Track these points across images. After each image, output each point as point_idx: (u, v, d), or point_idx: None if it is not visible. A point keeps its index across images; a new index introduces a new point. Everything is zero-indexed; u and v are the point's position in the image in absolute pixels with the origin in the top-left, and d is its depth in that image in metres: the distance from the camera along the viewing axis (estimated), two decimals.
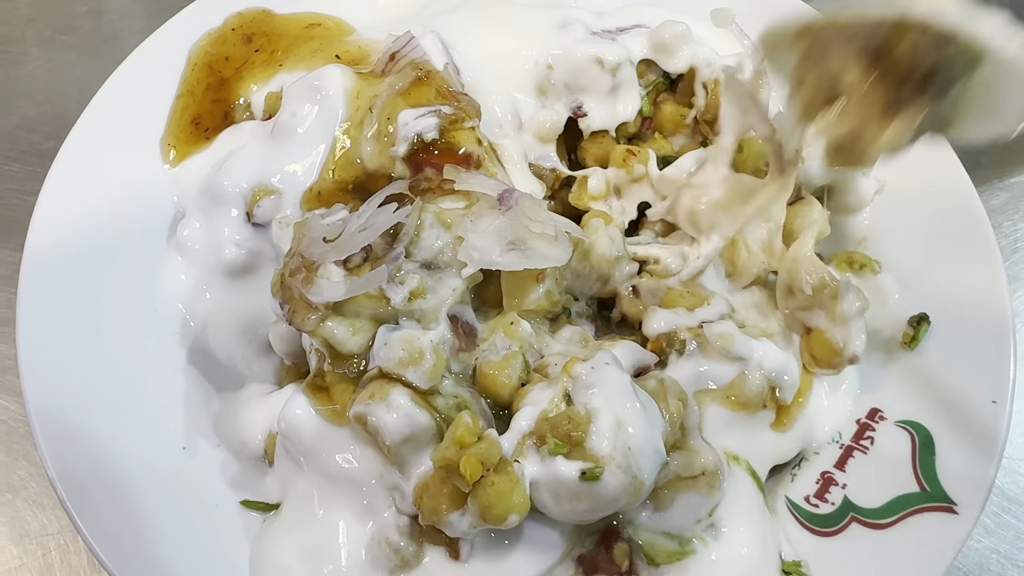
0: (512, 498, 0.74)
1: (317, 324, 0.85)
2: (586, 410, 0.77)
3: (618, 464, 0.75)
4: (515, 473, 0.75)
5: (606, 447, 0.75)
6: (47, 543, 1.01)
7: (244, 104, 1.17)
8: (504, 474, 0.75)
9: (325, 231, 0.89)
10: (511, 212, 0.89)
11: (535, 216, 0.89)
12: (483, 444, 0.74)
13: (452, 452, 0.74)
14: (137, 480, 0.91)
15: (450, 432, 0.76)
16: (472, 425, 0.74)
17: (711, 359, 0.90)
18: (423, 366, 0.82)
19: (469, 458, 0.73)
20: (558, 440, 0.76)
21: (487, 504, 0.74)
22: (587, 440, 0.76)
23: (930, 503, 0.91)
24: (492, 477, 0.74)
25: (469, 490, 0.75)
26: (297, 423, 0.87)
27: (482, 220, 0.89)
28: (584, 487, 0.75)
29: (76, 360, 0.96)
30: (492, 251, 0.87)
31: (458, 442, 0.74)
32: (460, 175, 0.90)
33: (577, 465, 0.76)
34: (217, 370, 1.02)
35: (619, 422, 0.77)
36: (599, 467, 0.75)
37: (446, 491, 0.76)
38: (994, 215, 1.11)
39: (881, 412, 0.99)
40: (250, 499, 0.92)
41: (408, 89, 1.01)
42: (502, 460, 0.75)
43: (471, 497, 0.74)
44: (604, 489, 0.76)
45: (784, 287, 0.96)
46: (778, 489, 0.96)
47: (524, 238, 0.88)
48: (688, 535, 0.85)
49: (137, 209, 1.08)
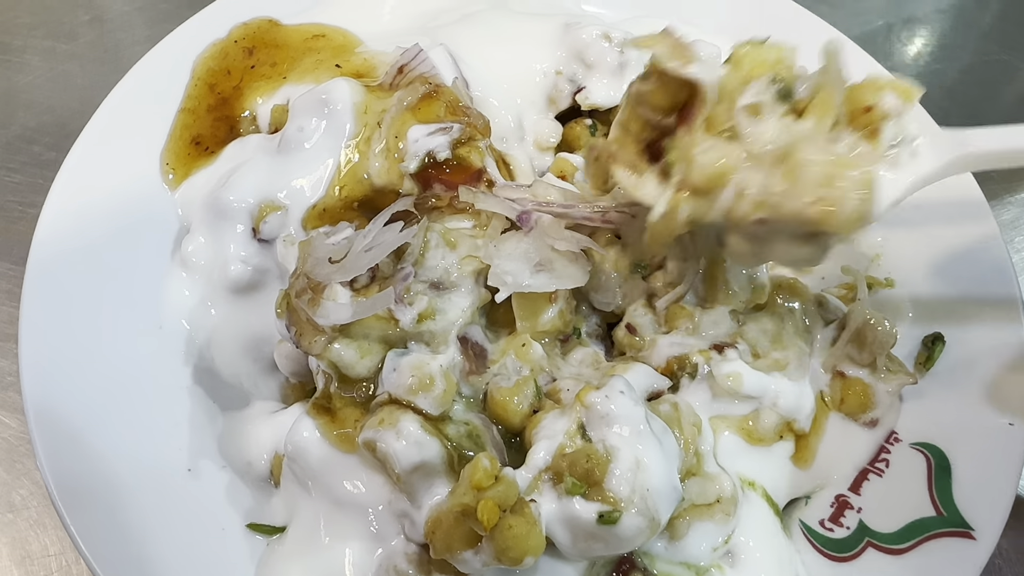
0: (529, 540, 0.73)
1: (324, 347, 0.84)
2: (604, 448, 0.76)
3: (636, 508, 0.74)
4: (532, 514, 0.74)
5: (625, 490, 0.74)
6: (49, 564, 0.99)
7: (250, 117, 1.15)
8: (521, 515, 0.73)
9: (330, 251, 0.87)
10: (532, 233, 0.88)
11: (556, 235, 0.88)
12: (500, 486, 0.72)
13: (470, 498, 0.72)
14: (141, 502, 0.89)
15: (467, 475, 0.74)
16: (490, 468, 0.73)
17: (722, 398, 0.89)
18: (433, 392, 0.81)
19: (487, 503, 0.71)
20: (576, 480, 0.75)
21: (503, 547, 0.72)
22: (606, 481, 0.75)
23: (947, 528, 0.89)
24: (509, 520, 0.72)
25: (486, 533, 0.73)
26: (304, 446, 0.85)
27: (505, 243, 0.88)
28: (601, 529, 0.74)
29: (79, 378, 0.95)
30: (523, 274, 0.86)
31: (476, 486, 0.72)
32: (478, 197, 0.89)
33: (595, 507, 0.74)
34: (222, 388, 1.01)
35: (638, 462, 0.75)
36: (617, 511, 0.74)
37: (461, 531, 0.75)
38: (1005, 230, 1.10)
39: (896, 434, 0.97)
40: (256, 522, 0.91)
41: (418, 104, 1.00)
42: (519, 500, 0.74)
43: (487, 539, 0.73)
44: (621, 531, 0.74)
45: (855, 333, 0.97)
46: (792, 512, 0.94)
47: (550, 258, 0.87)
48: (705, 564, 0.83)
49: (141, 223, 1.07)
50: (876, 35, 1.63)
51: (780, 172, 0.76)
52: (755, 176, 0.77)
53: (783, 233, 0.79)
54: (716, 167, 0.78)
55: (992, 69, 1.60)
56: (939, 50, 1.61)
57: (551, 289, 0.88)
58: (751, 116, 0.80)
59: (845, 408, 0.97)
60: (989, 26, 1.67)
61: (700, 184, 0.79)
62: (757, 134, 0.79)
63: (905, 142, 0.82)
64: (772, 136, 0.79)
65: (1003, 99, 1.58)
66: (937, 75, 1.57)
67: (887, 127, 0.80)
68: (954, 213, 1.10)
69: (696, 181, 0.79)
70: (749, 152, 0.78)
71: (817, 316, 1.01)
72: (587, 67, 1.13)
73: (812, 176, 0.75)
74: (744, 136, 0.79)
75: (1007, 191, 1.43)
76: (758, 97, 0.79)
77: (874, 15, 1.65)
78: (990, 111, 1.53)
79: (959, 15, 1.67)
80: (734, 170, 0.78)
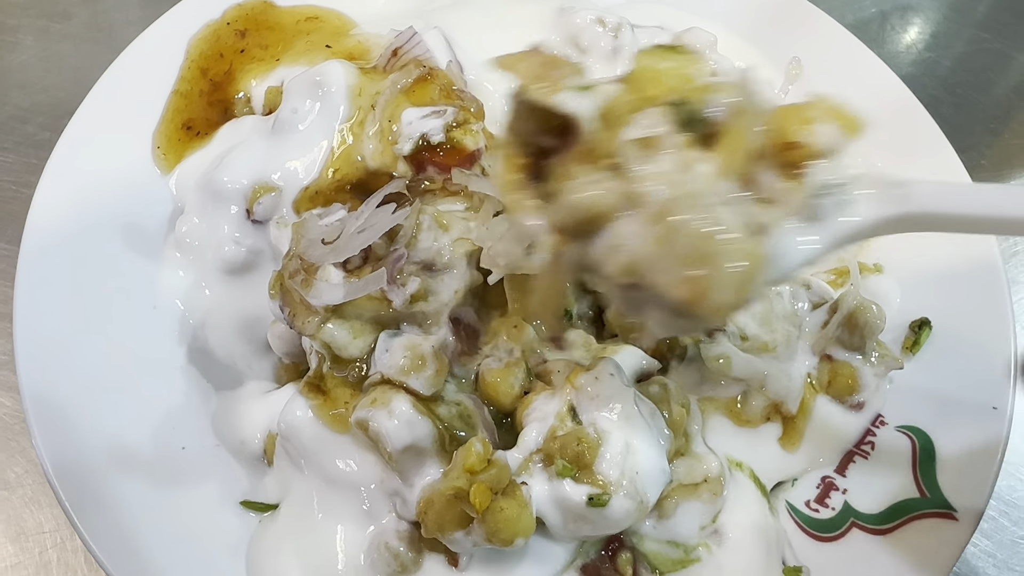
0: (519, 522, 0.74)
1: (318, 327, 0.84)
2: (595, 431, 0.77)
3: (625, 491, 0.76)
4: (523, 497, 0.75)
5: (614, 473, 0.75)
6: (44, 541, 1.00)
7: (244, 99, 1.15)
8: (512, 498, 0.74)
9: (323, 232, 0.88)
10: None
11: None
12: (492, 470, 0.74)
13: (463, 482, 0.74)
14: (136, 480, 0.90)
15: (460, 458, 0.75)
16: (483, 452, 0.74)
17: (711, 380, 0.90)
18: (425, 372, 0.82)
19: (479, 486, 0.72)
20: (566, 462, 0.76)
21: (495, 529, 0.73)
22: (596, 464, 0.76)
23: (930, 509, 0.91)
24: (501, 502, 0.74)
25: (477, 516, 0.74)
26: (297, 425, 0.86)
27: (497, 225, 0.88)
28: (591, 511, 0.75)
29: (74, 357, 0.95)
30: (515, 255, 0.86)
31: (468, 469, 0.73)
32: (471, 180, 0.90)
33: (585, 490, 0.76)
34: (216, 368, 1.01)
35: (628, 445, 0.77)
36: (607, 494, 0.75)
37: (452, 512, 0.76)
38: None
39: (882, 416, 0.99)
40: (250, 499, 0.92)
41: (412, 87, 1.00)
42: (511, 483, 0.75)
43: (479, 521, 0.74)
44: (610, 513, 0.76)
45: (847, 317, 0.97)
46: (779, 493, 0.96)
47: None
48: (692, 543, 0.85)
49: (135, 203, 1.07)
50: (870, 22, 1.63)
51: (656, 230, 0.60)
52: (631, 228, 0.61)
53: (657, 303, 0.63)
54: (587, 207, 0.63)
55: (985, 57, 1.60)
56: (932, 38, 1.61)
57: None
58: (642, 149, 0.62)
59: (832, 391, 0.99)
60: (983, 15, 1.67)
61: (568, 227, 0.65)
62: (646, 172, 0.61)
63: (836, 189, 0.66)
64: (665, 176, 0.61)
65: (996, 89, 1.58)
66: (930, 64, 1.58)
67: (816, 168, 0.64)
68: None
69: (562, 222, 0.65)
70: (630, 195, 0.62)
71: (805, 299, 1.02)
72: (581, 51, 1.13)
73: (683, 246, 0.59)
74: (629, 174, 0.62)
75: (996, 178, 1.44)
76: (651, 129, 0.62)
77: (868, 2, 1.65)
78: (983, 100, 1.54)
79: (953, 3, 1.68)
80: (608, 216, 0.63)
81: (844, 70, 1.23)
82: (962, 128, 1.45)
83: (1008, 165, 1.46)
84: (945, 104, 1.50)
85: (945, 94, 1.53)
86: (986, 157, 1.46)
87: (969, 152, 1.16)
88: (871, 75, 1.22)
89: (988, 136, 1.50)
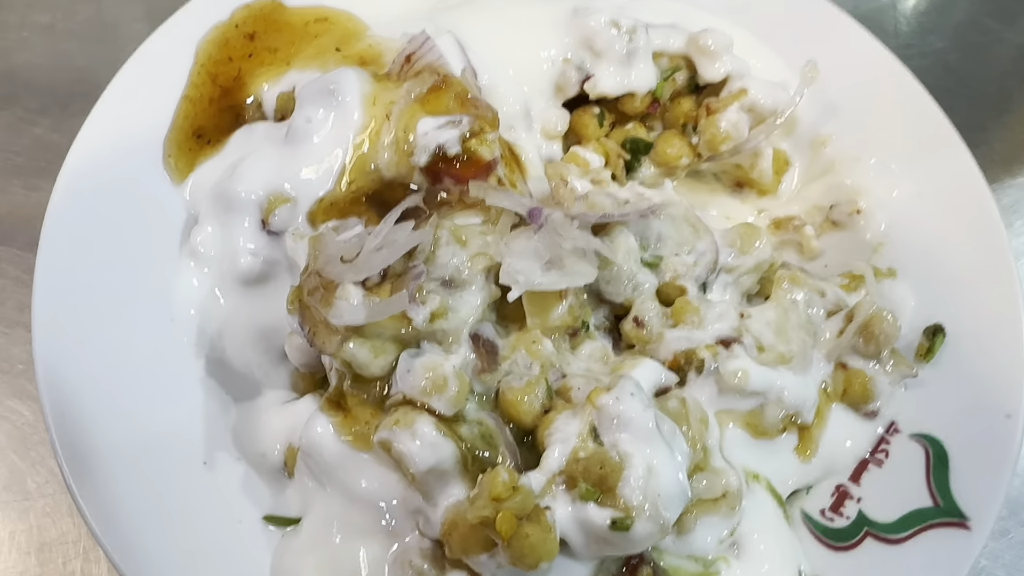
0: (544, 547, 0.75)
1: (339, 346, 0.85)
2: (618, 455, 0.78)
3: (648, 513, 0.76)
4: (547, 522, 0.76)
5: (637, 497, 0.76)
6: (67, 551, 1.01)
7: (255, 103, 1.14)
8: (537, 524, 0.75)
9: (342, 249, 0.88)
10: (543, 231, 0.88)
11: (566, 233, 0.89)
12: (518, 497, 0.74)
13: (489, 510, 0.74)
14: (158, 494, 0.91)
15: (486, 486, 0.76)
16: (508, 480, 0.75)
17: (728, 394, 0.91)
18: (447, 393, 0.82)
19: (506, 514, 0.73)
20: (590, 485, 0.77)
21: (520, 554, 0.74)
22: (619, 488, 0.77)
23: (943, 518, 0.92)
24: (526, 528, 0.74)
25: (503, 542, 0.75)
26: (319, 443, 0.87)
27: (516, 241, 0.88)
28: (613, 534, 0.76)
29: (92, 369, 0.95)
30: (534, 272, 0.87)
31: (495, 497, 0.74)
32: (489, 193, 0.89)
33: (608, 513, 0.76)
34: (234, 379, 1.02)
35: (650, 468, 0.77)
36: (630, 518, 0.76)
37: (477, 536, 0.77)
38: (1005, 214, 1.11)
39: (896, 424, 1.00)
40: (272, 514, 0.93)
41: (426, 96, 1.00)
42: (535, 508, 0.76)
43: (503, 546, 0.75)
44: (633, 536, 0.77)
45: (863, 326, 0.98)
46: (794, 502, 0.97)
47: (560, 256, 0.88)
48: (712, 557, 0.86)
49: (148, 213, 1.07)
50: (883, 11, 1.61)
51: None
52: None
53: None
54: None
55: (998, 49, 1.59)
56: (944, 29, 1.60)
57: (562, 287, 0.89)
58: None
59: (847, 399, 0.99)
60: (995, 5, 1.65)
61: None
62: None
63: None
64: None
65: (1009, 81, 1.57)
66: (940, 55, 1.56)
67: None
68: (957, 204, 1.11)
69: None
70: None
71: (820, 306, 1.02)
72: (595, 55, 1.12)
73: None
74: None
75: (1008, 174, 1.44)
76: None
77: None
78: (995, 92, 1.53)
79: None
80: None
81: (857, 68, 1.22)
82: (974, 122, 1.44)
83: (1019, 159, 1.46)
84: (957, 97, 1.48)
85: (957, 86, 1.52)
86: (997, 152, 1.46)
87: (981, 147, 1.15)
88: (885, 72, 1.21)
89: (1001, 130, 1.49)
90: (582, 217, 0.95)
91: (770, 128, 1.17)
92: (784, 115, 1.16)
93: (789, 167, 1.25)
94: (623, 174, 1.16)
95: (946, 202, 1.12)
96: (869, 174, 1.17)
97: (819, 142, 1.22)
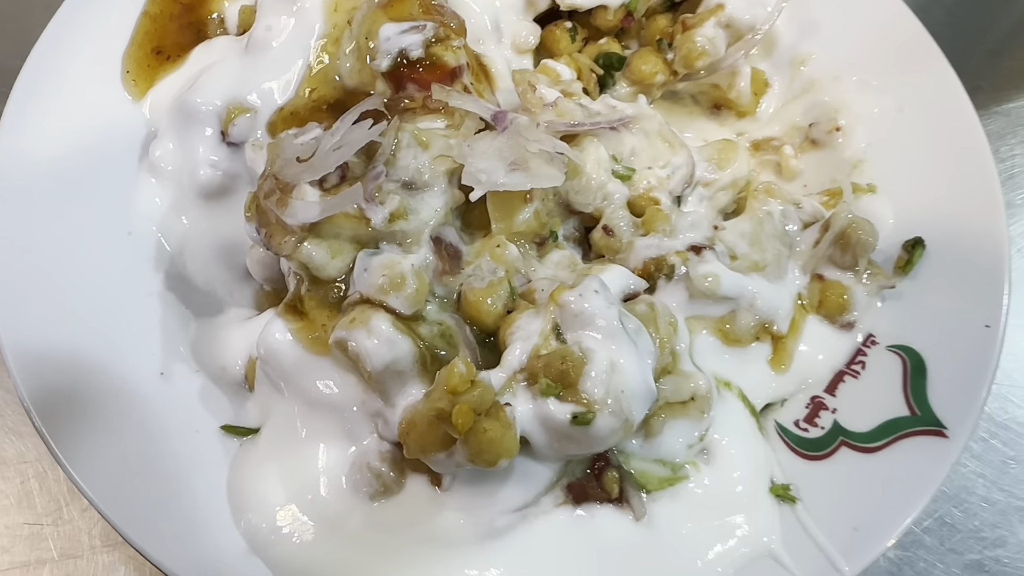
0: (503, 443, 0.73)
1: (295, 247, 0.82)
2: (580, 350, 0.75)
3: (610, 409, 0.74)
4: (507, 418, 0.74)
5: (599, 391, 0.74)
6: (25, 471, 0.99)
7: (218, 19, 1.11)
8: (496, 419, 0.73)
9: (299, 151, 0.85)
10: (507, 132, 0.86)
11: (531, 136, 0.86)
12: (476, 391, 0.72)
13: (445, 403, 0.72)
14: (116, 406, 0.89)
15: (442, 379, 0.74)
16: (466, 373, 0.72)
17: (699, 299, 0.88)
18: (405, 291, 0.80)
19: (462, 407, 0.71)
20: (551, 381, 0.75)
21: (478, 450, 0.72)
22: (580, 383, 0.74)
23: (920, 427, 0.90)
24: (484, 423, 0.72)
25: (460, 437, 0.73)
26: (276, 348, 0.84)
27: (479, 142, 0.86)
28: (575, 429, 0.74)
29: (49, 286, 0.93)
30: (497, 173, 0.84)
31: (451, 390, 0.72)
32: (452, 95, 0.87)
33: (569, 408, 0.75)
34: (195, 295, 0.99)
35: (613, 364, 0.75)
36: (591, 412, 0.74)
37: (435, 433, 0.75)
38: (991, 140, 1.09)
39: (873, 336, 0.97)
40: (231, 424, 0.90)
41: (389, 2, 0.96)
42: (494, 404, 0.74)
43: (461, 442, 0.73)
44: (595, 432, 0.75)
45: (838, 235, 0.95)
46: (768, 414, 0.95)
47: (525, 158, 0.85)
48: (680, 461, 0.84)
49: (107, 128, 1.04)
50: None
51: None
52: None
53: None
54: None
55: None
56: None
57: (527, 187, 0.86)
58: None
59: (823, 311, 0.97)
60: None
61: None
62: None
63: None
64: None
65: (1000, 15, 1.54)
66: None
67: None
68: (941, 121, 1.08)
69: None
70: None
71: (796, 218, 0.99)
72: None
73: None
74: None
75: (994, 101, 1.41)
76: None
77: None
78: (985, 26, 1.50)
79: None
80: None
81: None
82: (962, 51, 1.40)
83: (1006, 87, 1.43)
84: (944, 25, 1.44)
85: (947, 17, 1.49)
86: (985, 79, 1.43)
87: (968, 73, 1.12)
88: None
89: (988, 58, 1.46)
90: (550, 124, 0.93)
91: (748, 45, 1.14)
92: (762, 31, 1.13)
93: (768, 88, 1.22)
94: (596, 90, 1.13)
95: (928, 118, 1.09)
96: (850, 91, 1.14)
97: (799, 60, 1.19)
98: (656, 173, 0.99)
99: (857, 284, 0.97)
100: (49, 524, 0.97)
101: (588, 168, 0.95)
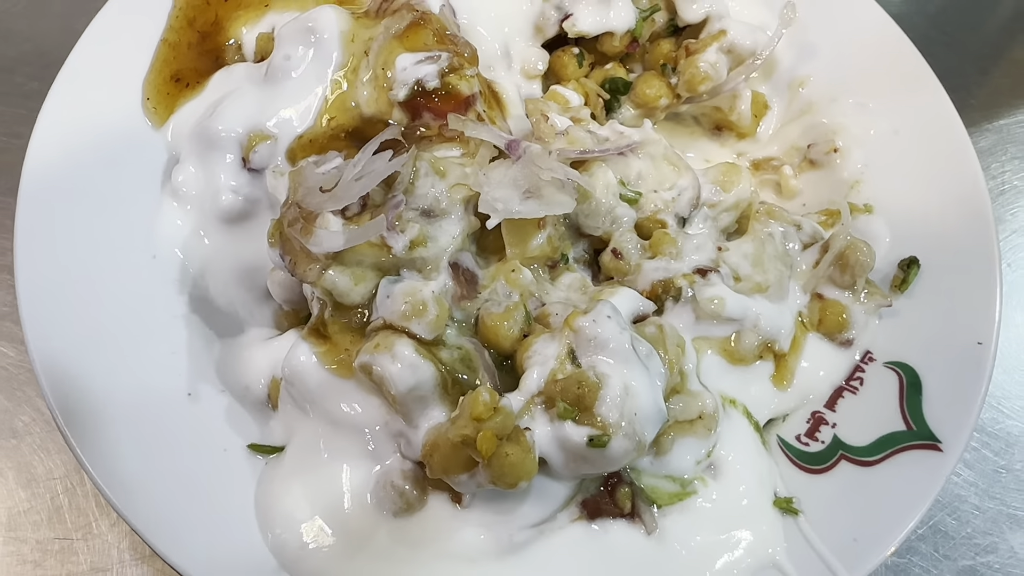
0: (524, 466, 0.77)
1: (319, 274, 0.86)
2: (595, 375, 0.79)
3: (624, 432, 0.78)
4: (527, 442, 0.77)
5: (614, 415, 0.78)
6: (54, 486, 1.02)
7: (235, 46, 1.14)
8: (517, 444, 0.77)
9: (321, 180, 0.88)
10: (521, 161, 0.89)
11: (544, 164, 0.89)
12: (498, 417, 0.76)
13: (470, 429, 0.76)
14: (144, 425, 0.92)
15: (467, 406, 0.77)
16: (489, 400, 0.76)
17: (705, 320, 0.92)
18: (426, 317, 0.83)
19: (486, 434, 0.74)
20: (568, 404, 0.79)
21: (500, 473, 0.76)
22: (596, 406, 0.78)
23: (916, 441, 0.94)
24: (506, 447, 0.76)
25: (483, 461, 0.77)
26: (301, 370, 0.88)
27: (495, 171, 0.89)
28: (591, 451, 0.78)
29: (76, 307, 0.96)
30: (513, 201, 0.88)
31: (475, 417, 0.76)
32: (467, 125, 0.90)
33: (585, 431, 0.78)
34: (217, 316, 1.02)
35: (626, 388, 0.79)
36: (606, 435, 0.77)
37: (458, 456, 0.78)
38: (982, 157, 1.13)
39: (871, 353, 1.01)
40: (257, 443, 0.94)
41: (405, 32, 1.00)
42: (515, 429, 0.77)
43: (484, 465, 0.76)
44: (610, 453, 0.79)
45: (838, 255, 0.99)
46: (771, 429, 0.99)
47: (538, 185, 0.89)
48: (689, 477, 0.88)
49: (129, 154, 1.07)
50: None
51: None
52: None
53: None
54: None
55: None
56: None
57: (540, 215, 0.90)
58: None
59: (823, 328, 1.01)
60: None
61: None
62: None
63: None
64: None
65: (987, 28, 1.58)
66: (921, 2, 1.57)
67: None
68: (934, 143, 1.12)
69: None
70: None
71: (796, 239, 1.03)
72: None
73: None
74: None
75: (985, 119, 1.45)
76: None
77: None
78: (973, 40, 1.54)
79: None
80: None
81: (836, 9, 1.23)
82: (952, 67, 1.44)
83: (996, 104, 1.47)
84: (935, 43, 1.49)
85: (936, 33, 1.53)
86: (975, 96, 1.47)
87: (959, 92, 1.16)
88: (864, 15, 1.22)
89: (978, 75, 1.50)
90: (562, 152, 0.97)
91: (749, 69, 1.18)
92: (763, 56, 1.17)
93: (768, 110, 1.26)
94: (603, 114, 1.17)
95: (922, 140, 1.13)
96: (847, 113, 1.18)
97: (797, 83, 1.23)
98: (662, 196, 1.03)
99: (855, 303, 1.01)
100: (79, 539, 1.01)
101: (597, 193, 0.99)
